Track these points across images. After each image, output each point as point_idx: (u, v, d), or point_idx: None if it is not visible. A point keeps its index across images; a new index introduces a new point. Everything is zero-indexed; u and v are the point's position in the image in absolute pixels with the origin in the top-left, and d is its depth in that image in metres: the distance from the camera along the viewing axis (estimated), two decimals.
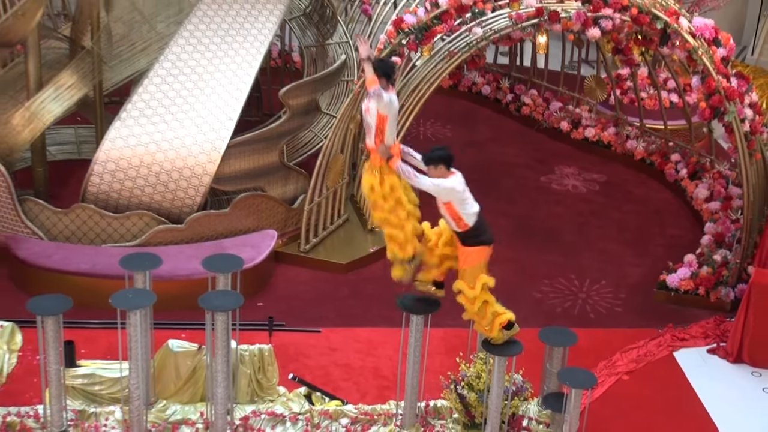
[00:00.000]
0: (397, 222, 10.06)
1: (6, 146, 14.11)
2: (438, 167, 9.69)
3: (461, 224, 9.85)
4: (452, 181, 9.70)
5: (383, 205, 9.98)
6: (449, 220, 9.90)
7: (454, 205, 9.73)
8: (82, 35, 14.82)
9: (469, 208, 9.83)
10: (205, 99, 14.13)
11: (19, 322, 12.31)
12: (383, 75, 9.59)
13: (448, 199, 9.71)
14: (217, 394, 10.46)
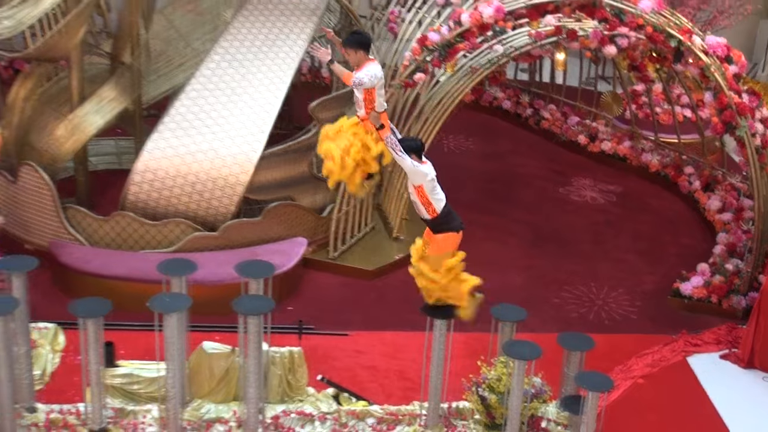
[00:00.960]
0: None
1: (50, 156, 14.21)
2: (411, 156, 9.60)
3: (431, 210, 9.86)
4: (426, 167, 9.70)
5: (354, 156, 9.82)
6: (419, 207, 9.89)
7: (425, 190, 9.72)
8: (122, 51, 14.91)
9: (438, 195, 9.84)
10: (239, 112, 14.17)
11: (62, 324, 12.39)
12: (360, 47, 9.54)
13: (420, 182, 9.68)
14: (249, 393, 10.47)
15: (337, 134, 9.91)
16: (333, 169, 9.94)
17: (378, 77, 9.54)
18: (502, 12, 13.87)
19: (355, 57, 9.57)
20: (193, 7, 16.72)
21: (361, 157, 9.80)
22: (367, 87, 9.49)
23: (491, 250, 15.66)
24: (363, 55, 9.58)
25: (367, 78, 9.44)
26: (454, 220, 10.09)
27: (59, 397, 11.23)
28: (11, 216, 13.76)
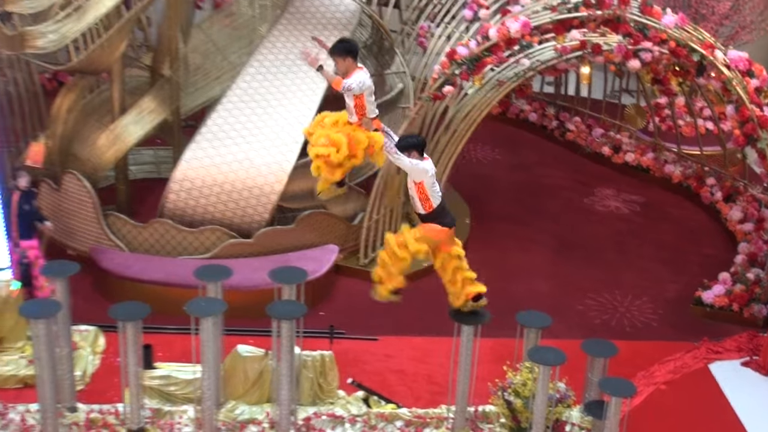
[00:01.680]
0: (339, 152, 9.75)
1: (92, 165, 14.30)
2: (411, 153, 9.53)
3: (427, 205, 9.72)
4: (426, 164, 9.58)
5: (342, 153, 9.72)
6: (416, 201, 9.77)
7: (425, 186, 9.60)
8: (161, 64, 14.99)
9: (436, 191, 9.72)
10: (273, 123, 14.22)
11: (102, 327, 12.47)
12: (348, 55, 9.50)
13: (420, 179, 9.58)
14: (282, 396, 10.48)
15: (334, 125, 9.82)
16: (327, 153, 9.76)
17: (366, 84, 9.49)
18: (528, 27, 13.84)
19: (343, 64, 9.53)
20: (230, 21, 16.79)
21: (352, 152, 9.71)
22: (355, 93, 9.45)
23: (517, 259, 15.62)
24: (351, 63, 9.52)
25: (355, 84, 9.40)
26: (446, 216, 9.94)
27: (99, 397, 11.30)
28: (54, 222, 13.84)
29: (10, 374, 11.73)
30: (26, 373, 11.63)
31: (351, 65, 9.50)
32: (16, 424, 10.61)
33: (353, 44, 9.75)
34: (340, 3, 15.37)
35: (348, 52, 9.51)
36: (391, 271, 10.00)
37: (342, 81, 9.41)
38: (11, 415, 10.73)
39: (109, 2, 13.36)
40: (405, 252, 9.83)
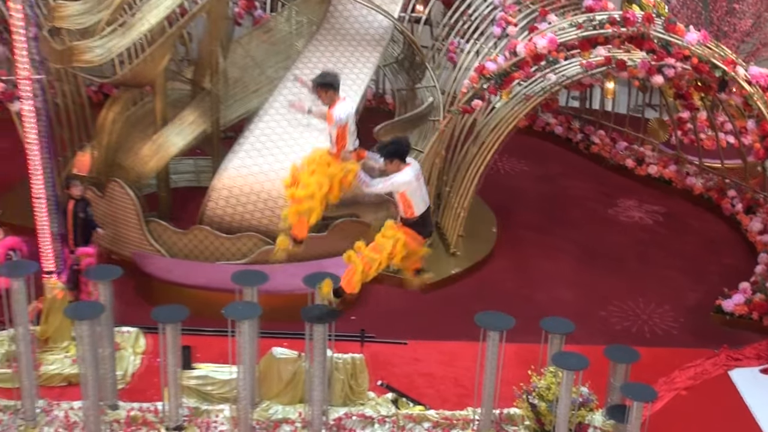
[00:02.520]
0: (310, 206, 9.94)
1: (136, 174, 14.40)
2: (393, 161, 9.48)
3: (409, 212, 9.63)
4: (405, 174, 9.43)
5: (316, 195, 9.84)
6: (400, 206, 9.69)
7: (408, 195, 9.51)
8: (202, 78, 15.08)
9: (420, 199, 9.61)
10: (308, 135, 14.24)
11: (144, 328, 12.53)
12: (330, 88, 9.57)
13: (402, 190, 9.50)
14: (315, 396, 10.50)
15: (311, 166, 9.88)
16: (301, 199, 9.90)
17: (350, 114, 9.55)
18: (555, 43, 13.82)
19: (326, 96, 9.61)
20: (268, 37, 16.85)
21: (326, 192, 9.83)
22: (341, 124, 9.49)
23: (542, 266, 15.55)
24: (333, 94, 9.60)
25: (344, 114, 9.46)
26: (426, 228, 9.88)
27: (139, 396, 11.36)
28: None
29: (56, 373, 11.81)
30: (70, 371, 11.70)
31: (333, 96, 9.59)
32: (60, 421, 10.68)
33: (334, 76, 9.79)
34: (374, 20, 15.40)
35: (329, 85, 9.60)
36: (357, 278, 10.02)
37: (334, 116, 9.46)
38: (56, 412, 10.80)
39: (153, 19, 13.46)
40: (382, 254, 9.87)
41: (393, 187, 9.46)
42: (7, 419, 10.64)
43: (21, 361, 10.54)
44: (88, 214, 13.14)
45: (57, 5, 13.59)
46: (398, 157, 9.43)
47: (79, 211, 13.11)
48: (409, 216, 9.63)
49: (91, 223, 13.16)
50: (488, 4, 17.49)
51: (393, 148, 9.50)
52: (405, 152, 9.50)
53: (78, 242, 13.11)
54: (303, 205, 9.87)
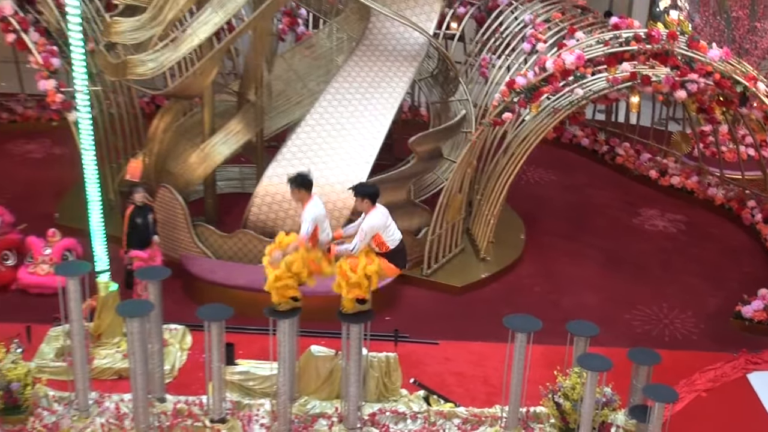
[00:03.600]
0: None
1: (184, 181, 14.49)
2: (364, 200, 9.65)
3: (384, 247, 9.83)
4: (373, 218, 9.65)
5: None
6: (373, 245, 9.85)
7: (380, 235, 9.72)
8: (248, 90, 15.14)
9: (391, 235, 9.78)
10: (347, 145, 14.26)
11: (190, 326, 12.60)
12: (304, 188, 9.66)
13: (376, 232, 9.68)
14: (350, 393, 10.49)
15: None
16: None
17: (318, 215, 9.60)
18: (582, 59, 13.74)
19: (297, 195, 9.71)
20: (310, 52, 16.91)
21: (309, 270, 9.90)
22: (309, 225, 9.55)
23: (568, 272, 15.46)
24: (305, 194, 9.69)
25: (310, 224, 9.51)
26: (400, 261, 10.05)
27: (185, 390, 11.41)
28: None
29: (107, 366, 11.90)
30: (121, 366, 11.78)
31: (305, 196, 9.68)
32: (111, 412, 10.75)
33: (304, 177, 9.81)
34: (410, 36, 15.39)
35: (301, 185, 9.69)
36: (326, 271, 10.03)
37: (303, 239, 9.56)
38: (107, 404, 10.87)
39: (202, 34, 13.54)
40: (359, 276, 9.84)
41: (367, 239, 9.67)
42: (61, 409, 10.72)
43: (75, 355, 10.62)
44: (147, 221, 13.24)
45: (113, 21, 13.71)
46: (369, 198, 9.66)
47: (136, 217, 13.22)
48: (384, 251, 9.88)
49: (150, 229, 13.26)
50: (519, 22, 17.44)
51: (367, 189, 9.81)
52: (375, 195, 9.74)
53: (131, 245, 13.22)
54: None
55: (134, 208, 13.28)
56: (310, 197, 9.76)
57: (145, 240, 13.25)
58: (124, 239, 13.34)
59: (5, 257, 14.05)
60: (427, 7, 15.44)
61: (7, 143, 19.08)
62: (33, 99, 19.95)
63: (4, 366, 10.39)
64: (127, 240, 13.29)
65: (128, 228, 13.26)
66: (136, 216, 13.26)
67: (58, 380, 11.34)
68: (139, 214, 13.24)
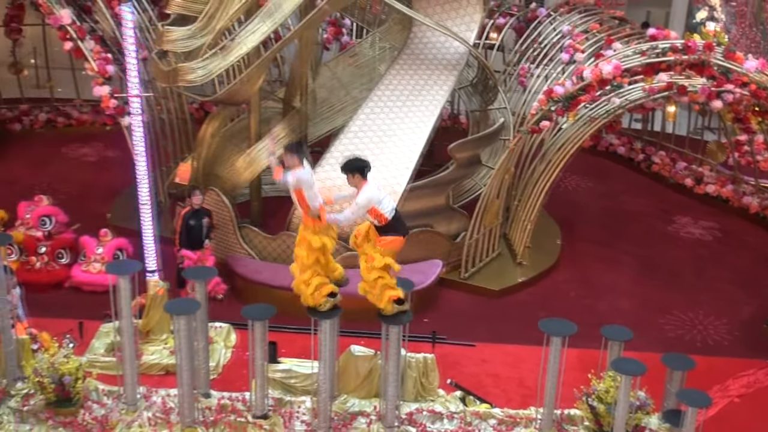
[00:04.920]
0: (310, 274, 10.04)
1: (231, 184, 14.56)
2: (354, 176, 9.40)
3: (382, 219, 9.55)
4: (367, 192, 9.37)
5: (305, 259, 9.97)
6: (371, 219, 9.61)
7: (376, 207, 9.45)
8: (293, 98, 15.18)
9: (386, 206, 9.51)
10: (388, 151, 14.24)
11: (234, 324, 12.65)
12: (295, 154, 9.44)
13: (370, 206, 9.44)
14: (389, 392, 10.45)
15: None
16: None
17: (303, 180, 9.41)
18: (619, 69, 13.61)
19: (290, 161, 9.49)
20: (354, 61, 16.94)
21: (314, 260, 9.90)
22: (294, 187, 9.42)
23: (603, 278, 15.31)
24: (296, 161, 9.45)
25: (290, 179, 9.38)
26: (401, 227, 9.74)
27: (229, 386, 11.44)
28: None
29: (155, 362, 11.99)
30: (168, 362, 11.86)
31: (296, 163, 9.46)
32: (157, 406, 10.80)
33: (299, 145, 9.73)
34: (450, 46, 15.34)
35: (293, 151, 9.50)
36: (375, 295, 9.92)
37: (280, 173, 9.49)
38: (154, 398, 10.92)
39: (250, 43, 13.60)
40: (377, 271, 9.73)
41: (360, 212, 9.46)
42: (110, 403, 10.80)
43: (124, 351, 10.69)
44: (201, 223, 13.34)
45: (165, 30, 13.84)
46: (359, 172, 9.40)
47: (190, 218, 13.33)
48: (383, 223, 9.62)
49: (203, 232, 13.35)
50: (557, 33, 17.34)
51: (354, 163, 9.50)
52: (364, 167, 9.46)
53: (183, 245, 13.33)
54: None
55: (190, 210, 13.41)
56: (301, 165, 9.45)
57: (196, 242, 13.36)
58: (176, 238, 13.47)
59: (59, 255, 14.23)
60: (468, 17, 15.40)
61: (63, 146, 19.35)
62: (88, 104, 20.23)
63: (57, 360, 10.48)
64: (180, 240, 13.42)
65: (181, 228, 13.39)
66: (191, 218, 13.39)
67: (107, 375, 11.43)
68: (194, 216, 13.37)
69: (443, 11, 15.35)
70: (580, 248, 16.17)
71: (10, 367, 10.90)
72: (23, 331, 11.43)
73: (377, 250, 9.68)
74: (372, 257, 9.72)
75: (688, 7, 23.66)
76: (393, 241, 9.70)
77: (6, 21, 19.83)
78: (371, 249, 9.75)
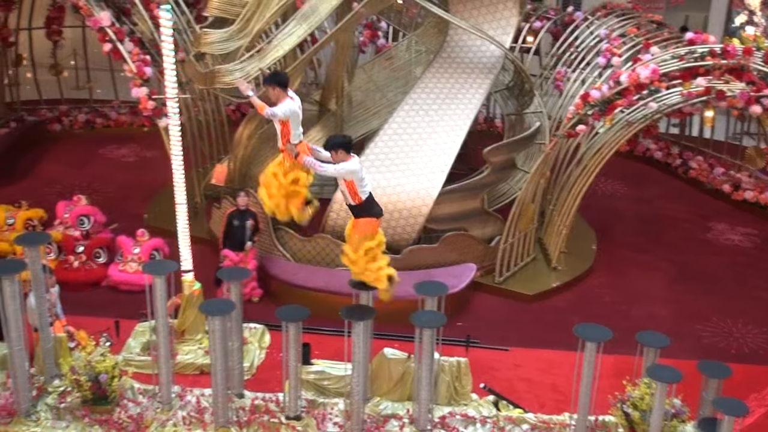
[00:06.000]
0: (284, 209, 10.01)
1: None
2: (338, 152, 9.41)
3: (357, 198, 9.61)
4: (351, 164, 9.43)
5: (276, 193, 9.92)
6: (347, 195, 9.66)
7: (354, 183, 9.49)
8: (328, 100, 15.25)
9: (364, 186, 9.59)
10: (423, 154, 14.23)
11: (269, 326, 12.68)
12: (278, 85, 9.45)
13: (350, 178, 9.47)
14: (422, 395, 10.43)
15: (266, 181, 10.04)
16: (268, 204, 10.06)
17: (292, 111, 9.42)
18: (657, 74, 13.49)
19: (273, 93, 9.53)
20: (389, 64, 16.96)
21: (285, 192, 9.86)
22: (281, 119, 9.44)
23: (639, 284, 15.18)
24: (280, 92, 9.50)
25: (279, 111, 9.41)
26: (374, 208, 9.83)
27: (263, 387, 11.48)
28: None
29: (189, 362, 12.06)
30: (203, 362, 11.93)
31: (280, 94, 9.50)
32: (192, 405, 10.87)
33: (282, 75, 9.86)
34: (486, 49, 15.31)
35: (276, 82, 9.56)
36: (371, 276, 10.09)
37: (265, 108, 9.45)
38: (188, 398, 10.99)
39: (286, 46, 13.67)
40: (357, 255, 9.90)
41: (341, 173, 9.48)
42: (145, 402, 10.88)
43: (159, 350, 10.78)
44: (244, 225, 13.43)
45: (202, 33, 13.93)
46: (343, 148, 9.45)
47: (234, 219, 13.45)
48: (357, 202, 9.69)
49: (245, 234, 13.44)
50: (594, 36, 17.23)
51: (337, 139, 9.57)
52: (348, 143, 9.51)
53: (226, 245, 13.43)
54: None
55: (234, 211, 13.52)
56: (286, 96, 9.60)
57: (239, 242, 13.46)
58: (220, 238, 13.58)
59: (97, 255, 14.37)
60: (504, 21, 15.36)
61: (102, 147, 19.56)
62: (126, 105, 20.43)
63: (94, 358, 10.60)
64: (223, 240, 13.54)
65: (225, 228, 13.52)
66: (235, 218, 13.51)
67: (143, 373, 11.51)
68: (238, 216, 13.49)
69: (479, 15, 15.32)
70: (615, 253, 16.05)
71: (48, 364, 11.03)
72: (61, 329, 11.55)
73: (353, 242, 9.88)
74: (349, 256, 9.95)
75: (727, 11, 23.42)
76: (368, 222, 9.82)
77: (47, 23, 20.11)
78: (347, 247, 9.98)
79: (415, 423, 10.65)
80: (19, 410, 10.55)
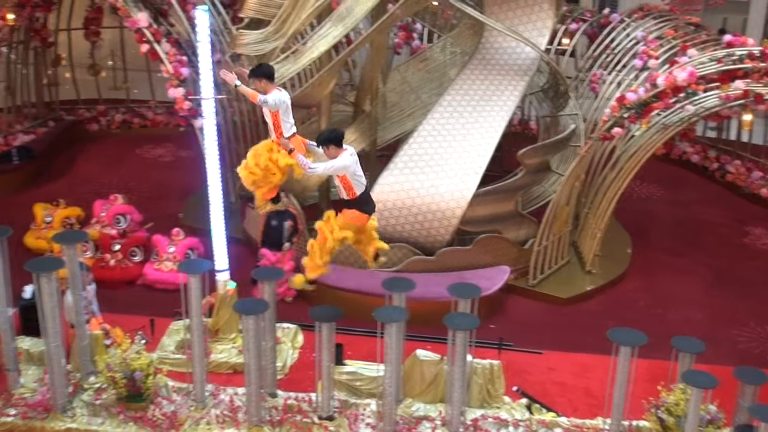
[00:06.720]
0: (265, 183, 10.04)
1: (301, 186, 14.65)
2: (329, 147, 9.35)
3: (351, 193, 9.53)
4: (343, 159, 9.34)
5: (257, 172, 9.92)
6: (341, 189, 9.58)
7: (348, 177, 9.41)
8: (363, 101, 15.25)
9: (359, 180, 9.50)
10: (457, 156, 14.20)
11: (302, 326, 12.73)
12: (264, 77, 9.42)
13: (343, 173, 9.39)
14: (454, 397, 10.42)
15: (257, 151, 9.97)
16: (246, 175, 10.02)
17: (281, 101, 9.38)
18: (694, 76, 13.36)
19: (259, 85, 9.48)
20: (424, 65, 16.94)
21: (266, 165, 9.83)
22: (271, 109, 9.39)
23: (674, 288, 15.03)
24: (267, 84, 9.47)
25: (270, 99, 9.36)
26: (367, 204, 9.76)
27: (296, 386, 11.52)
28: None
29: (223, 361, 12.12)
30: (236, 361, 11.99)
31: (267, 86, 9.49)
32: (225, 404, 10.94)
33: (269, 67, 9.80)
34: (521, 51, 15.24)
35: (262, 75, 9.53)
36: (317, 261, 9.96)
37: (258, 95, 9.40)
38: (222, 396, 11.06)
39: (321, 47, 13.71)
40: (331, 238, 9.77)
41: (333, 170, 9.43)
42: (180, 399, 10.96)
43: (194, 349, 10.85)
44: (282, 225, 13.49)
45: (238, 34, 14.02)
46: (334, 143, 9.39)
47: (272, 219, 13.52)
48: (352, 197, 9.63)
49: (283, 234, 13.50)
50: (631, 38, 17.08)
51: (327, 135, 9.50)
52: (339, 138, 9.45)
53: (264, 245, 13.51)
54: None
55: (273, 211, 13.58)
56: (274, 87, 9.60)
57: (276, 242, 13.52)
58: (259, 237, 13.65)
59: (133, 254, 14.50)
60: (540, 23, 15.28)
61: (138, 147, 19.74)
62: (163, 106, 20.60)
63: (129, 356, 10.70)
64: (262, 239, 13.62)
65: (263, 227, 13.60)
66: (273, 218, 13.57)
67: (177, 372, 11.62)
68: (276, 216, 13.55)
69: (515, 16, 15.25)
70: (650, 257, 15.91)
71: (84, 361, 11.15)
72: (97, 327, 11.67)
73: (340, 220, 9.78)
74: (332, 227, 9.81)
75: (766, 13, 23.13)
76: (358, 216, 9.77)
77: (85, 24, 20.35)
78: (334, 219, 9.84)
79: (448, 425, 10.63)
80: (55, 406, 10.69)
